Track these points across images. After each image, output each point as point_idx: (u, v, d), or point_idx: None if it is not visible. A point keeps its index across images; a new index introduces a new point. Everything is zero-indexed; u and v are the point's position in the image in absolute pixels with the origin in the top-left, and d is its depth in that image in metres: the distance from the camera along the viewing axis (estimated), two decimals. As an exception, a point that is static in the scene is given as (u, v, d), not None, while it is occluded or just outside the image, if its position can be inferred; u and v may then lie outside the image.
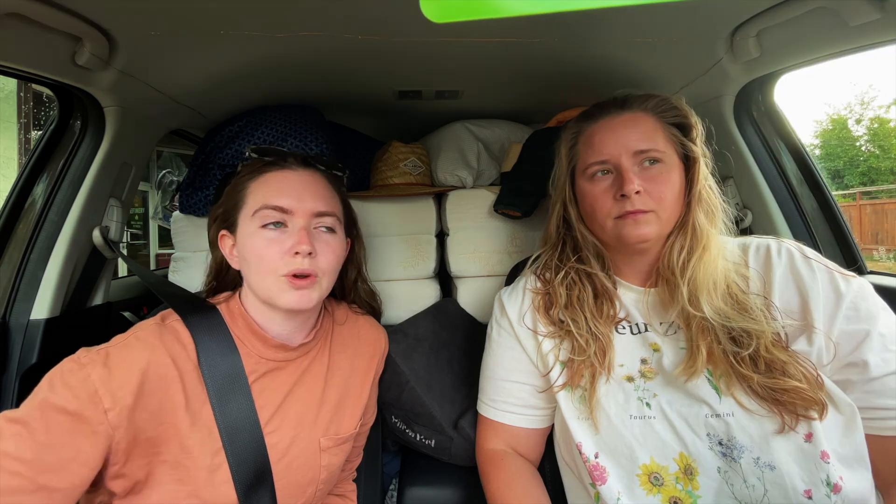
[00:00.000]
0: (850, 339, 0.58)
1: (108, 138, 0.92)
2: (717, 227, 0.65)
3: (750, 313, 0.61)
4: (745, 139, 1.03)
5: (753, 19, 0.74)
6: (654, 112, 0.68)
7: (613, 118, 0.68)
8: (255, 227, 0.63)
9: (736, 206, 1.10)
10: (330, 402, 0.72)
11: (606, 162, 0.67)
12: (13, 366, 0.85)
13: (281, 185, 0.65)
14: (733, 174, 1.08)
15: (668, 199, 0.64)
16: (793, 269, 0.63)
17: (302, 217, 0.63)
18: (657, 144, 0.65)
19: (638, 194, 0.63)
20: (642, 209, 0.63)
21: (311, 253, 0.62)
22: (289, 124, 1.05)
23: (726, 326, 0.61)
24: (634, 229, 0.64)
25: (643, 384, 0.65)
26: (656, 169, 0.65)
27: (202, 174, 1.08)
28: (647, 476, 0.61)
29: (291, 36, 0.77)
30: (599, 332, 0.67)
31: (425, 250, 1.16)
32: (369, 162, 1.25)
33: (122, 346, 0.58)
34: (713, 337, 0.61)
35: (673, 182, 0.65)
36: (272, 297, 0.62)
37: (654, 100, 0.68)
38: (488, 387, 0.78)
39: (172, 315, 0.65)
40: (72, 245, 0.91)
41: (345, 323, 0.80)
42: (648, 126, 0.66)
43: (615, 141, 0.66)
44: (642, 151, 0.65)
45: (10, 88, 4.36)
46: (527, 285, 0.78)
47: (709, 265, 0.63)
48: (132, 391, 0.54)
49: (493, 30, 0.77)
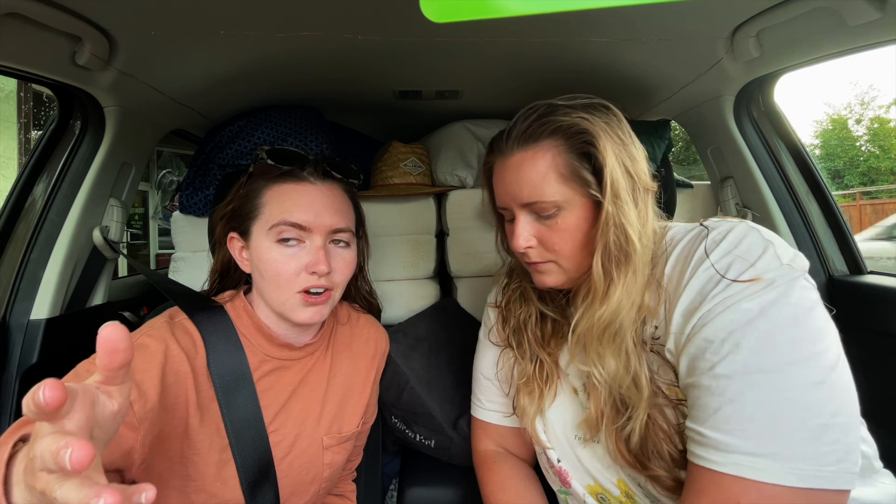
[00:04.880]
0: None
1: (108, 138, 0.92)
2: (628, 273, 0.53)
3: (635, 378, 0.53)
4: (745, 139, 1.03)
5: (753, 19, 0.74)
6: (557, 140, 0.56)
7: (505, 160, 0.59)
8: (272, 242, 0.62)
9: (736, 206, 1.10)
10: (332, 401, 0.72)
11: (505, 208, 0.62)
12: (13, 366, 0.85)
13: (300, 201, 0.63)
14: (733, 174, 1.09)
15: (565, 248, 0.57)
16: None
17: (319, 234, 0.63)
18: (546, 193, 0.55)
19: (531, 248, 0.59)
20: (538, 261, 0.59)
21: (328, 272, 0.62)
22: (289, 124, 1.05)
23: (611, 391, 0.55)
24: (538, 278, 0.61)
25: (586, 401, 0.63)
26: (550, 220, 0.57)
27: (202, 174, 1.08)
28: (594, 494, 0.62)
29: (291, 36, 0.77)
30: (543, 356, 0.66)
31: (425, 250, 1.16)
32: (369, 162, 1.25)
33: (136, 345, 0.57)
34: (599, 399, 0.57)
35: (573, 228, 0.56)
36: (286, 312, 0.63)
37: (555, 124, 0.55)
38: (476, 386, 0.78)
39: (180, 314, 0.65)
40: (72, 245, 0.91)
41: (346, 322, 0.81)
42: (540, 167, 0.55)
43: (504, 190, 0.60)
44: (529, 203, 0.57)
45: (10, 88, 4.36)
46: (489, 299, 0.79)
47: (603, 318, 0.54)
48: (154, 385, 0.54)
49: (493, 30, 0.77)
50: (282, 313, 0.64)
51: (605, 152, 0.53)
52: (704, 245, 0.51)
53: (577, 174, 0.55)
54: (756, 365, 0.43)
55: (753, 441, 0.42)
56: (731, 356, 0.44)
